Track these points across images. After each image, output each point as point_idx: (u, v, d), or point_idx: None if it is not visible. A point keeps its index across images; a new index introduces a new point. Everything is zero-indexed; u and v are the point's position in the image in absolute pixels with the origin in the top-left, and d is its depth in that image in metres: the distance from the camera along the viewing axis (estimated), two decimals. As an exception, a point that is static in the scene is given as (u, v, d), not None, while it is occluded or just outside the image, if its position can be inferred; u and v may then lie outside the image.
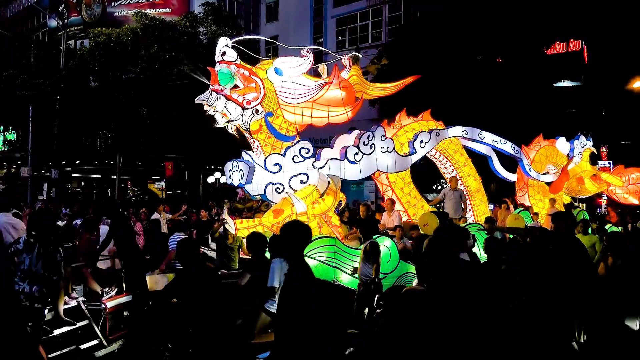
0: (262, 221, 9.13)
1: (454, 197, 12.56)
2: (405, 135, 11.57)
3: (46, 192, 31.20)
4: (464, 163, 13.00)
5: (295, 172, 9.25)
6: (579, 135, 15.52)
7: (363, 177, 10.26)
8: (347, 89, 9.66)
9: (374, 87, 10.68)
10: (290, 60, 9.58)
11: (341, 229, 10.71)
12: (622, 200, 17.17)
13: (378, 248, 7.82)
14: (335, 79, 9.51)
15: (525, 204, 14.25)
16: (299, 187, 9.26)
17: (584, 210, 14.77)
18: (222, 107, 8.90)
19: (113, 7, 37.33)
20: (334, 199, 9.45)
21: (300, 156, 9.31)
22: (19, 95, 28.35)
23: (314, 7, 35.98)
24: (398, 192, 11.59)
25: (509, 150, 13.41)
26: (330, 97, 9.59)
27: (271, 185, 9.22)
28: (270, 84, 9.34)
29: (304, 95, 9.41)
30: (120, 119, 27.83)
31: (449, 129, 12.27)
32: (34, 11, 40.08)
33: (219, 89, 8.93)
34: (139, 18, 29.19)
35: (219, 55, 9.14)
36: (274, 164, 9.19)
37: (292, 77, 9.46)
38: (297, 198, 8.90)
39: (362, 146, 9.99)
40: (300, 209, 8.87)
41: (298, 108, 9.50)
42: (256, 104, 9.03)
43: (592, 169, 16.04)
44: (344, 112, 9.73)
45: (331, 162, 9.68)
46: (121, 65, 28.30)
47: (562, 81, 25.95)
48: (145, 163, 32.60)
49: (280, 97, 9.44)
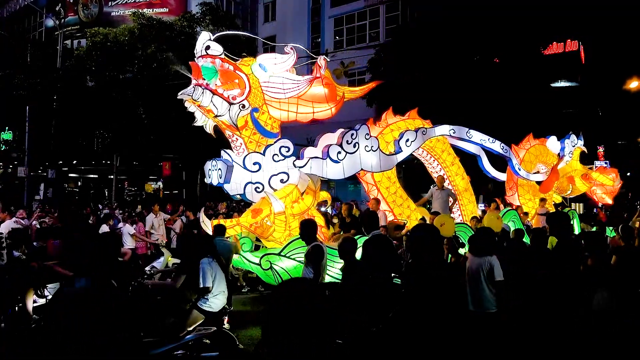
0: (240, 221, 9.05)
1: (441, 197, 12.45)
2: (391, 134, 11.46)
3: (43, 192, 31.15)
4: (451, 162, 12.88)
5: (276, 171, 9.16)
6: (569, 134, 15.37)
7: (346, 177, 10.17)
8: (329, 86, 9.64)
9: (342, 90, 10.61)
10: (274, 57, 9.54)
11: (325, 229, 10.63)
12: (600, 200, 17.04)
13: (321, 251, 7.55)
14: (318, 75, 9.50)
15: (515, 203, 14.14)
16: (279, 186, 9.16)
17: (573, 211, 14.63)
18: (209, 102, 8.81)
19: (110, 6, 37.37)
20: (313, 198, 9.34)
21: (280, 155, 9.22)
22: (15, 95, 28.32)
23: (311, 7, 35.93)
24: (384, 191, 11.46)
25: (498, 149, 13.31)
26: (314, 94, 9.57)
27: (250, 184, 9.10)
28: (255, 79, 9.28)
29: (292, 89, 9.38)
30: (117, 119, 27.76)
31: (435, 128, 12.17)
32: (30, 11, 40.18)
33: (203, 83, 8.84)
34: (136, 18, 29.18)
35: (203, 50, 9.04)
36: (254, 163, 9.08)
37: (278, 73, 9.40)
38: (275, 197, 8.80)
39: (346, 145, 9.90)
40: (278, 208, 8.77)
41: (284, 104, 9.45)
42: (242, 99, 8.95)
43: (583, 168, 15.92)
44: (328, 109, 9.72)
45: (313, 160, 9.59)
46: (118, 65, 28.26)
47: (559, 81, 25.78)
48: (142, 163, 32.56)
49: (266, 93, 9.38)
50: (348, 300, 5.55)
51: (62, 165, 33.33)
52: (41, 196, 30.87)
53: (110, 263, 5.34)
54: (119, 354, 4.76)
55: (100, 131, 30.16)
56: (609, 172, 17.04)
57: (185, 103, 9.00)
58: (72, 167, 35.64)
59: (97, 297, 4.80)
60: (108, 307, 4.84)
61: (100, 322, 4.70)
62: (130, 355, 4.87)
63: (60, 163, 32.13)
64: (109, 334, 4.74)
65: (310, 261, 7.21)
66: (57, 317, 4.50)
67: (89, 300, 4.77)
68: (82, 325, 4.67)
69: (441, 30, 24.05)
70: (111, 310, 4.83)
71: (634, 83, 21.88)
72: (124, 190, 36.75)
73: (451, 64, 23.54)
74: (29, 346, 6.03)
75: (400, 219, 11.20)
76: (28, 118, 29.03)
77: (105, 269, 5.07)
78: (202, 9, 29.80)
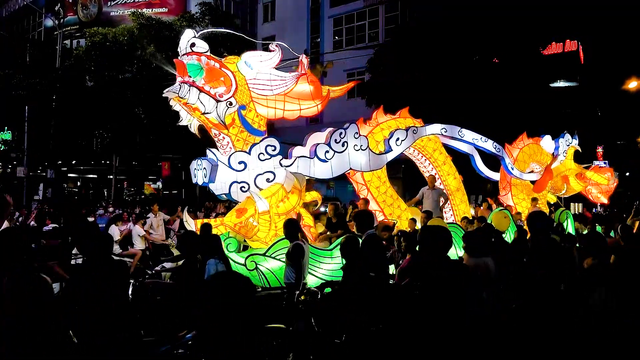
0: (225, 221, 8.98)
1: (432, 197, 12.36)
2: (381, 133, 11.37)
3: (42, 192, 31.18)
4: (443, 161, 12.78)
5: (261, 170, 9.08)
6: (564, 133, 15.25)
7: (335, 176, 10.11)
8: (314, 83, 9.61)
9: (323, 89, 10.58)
10: (260, 54, 9.49)
11: (314, 229, 10.57)
12: (596, 200, 16.97)
13: (301, 250, 7.47)
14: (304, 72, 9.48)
15: (509, 203, 14.04)
16: (265, 185, 9.09)
17: (567, 211, 14.51)
18: (196, 99, 8.73)
19: (109, 6, 37.31)
20: (298, 197, 9.25)
21: (266, 154, 9.15)
22: (14, 95, 28.33)
23: (310, 7, 35.87)
24: (374, 191, 11.36)
25: (490, 148, 13.22)
26: (300, 91, 9.54)
27: (236, 184, 9.02)
28: (241, 76, 9.21)
29: (280, 86, 9.34)
30: (116, 119, 27.78)
31: (427, 127, 12.08)
32: (29, 10, 40.19)
33: (189, 80, 8.77)
34: (136, 18, 29.17)
35: (188, 47, 8.97)
36: (239, 162, 9.00)
37: (264, 70, 9.36)
38: (259, 196, 8.73)
39: (334, 144, 9.84)
40: (262, 207, 8.69)
41: (271, 101, 9.39)
42: (229, 97, 8.88)
43: (577, 167, 15.81)
44: (315, 105, 9.69)
45: (300, 160, 9.52)
46: (117, 65, 28.26)
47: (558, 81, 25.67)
48: (141, 163, 32.53)
49: (253, 90, 9.32)
50: (348, 300, 5.53)
51: (61, 165, 33.36)
52: (40, 196, 30.88)
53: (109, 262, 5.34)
54: (119, 354, 4.74)
55: (99, 131, 30.13)
56: (604, 171, 16.94)
57: (170, 102, 8.93)
58: (71, 167, 35.66)
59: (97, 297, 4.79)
60: (108, 307, 4.83)
61: (100, 322, 4.68)
62: (130, 355, 4.89)
63: (59, 163, 32.18)
64: (109, 334, 4.72)
65: (290, 260, 7.17)
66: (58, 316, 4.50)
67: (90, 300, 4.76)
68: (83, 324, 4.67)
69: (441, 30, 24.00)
70: (111, 310, 4.82)
71: (633, 83, 21.80)
72: (124, 190, 36.72)
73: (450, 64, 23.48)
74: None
75: (390, 219, 11.13)
76: (27, 118, 29.11)
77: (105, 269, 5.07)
78: (202, 9, 29.75)
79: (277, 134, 24.86)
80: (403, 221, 11.20)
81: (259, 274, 8.54)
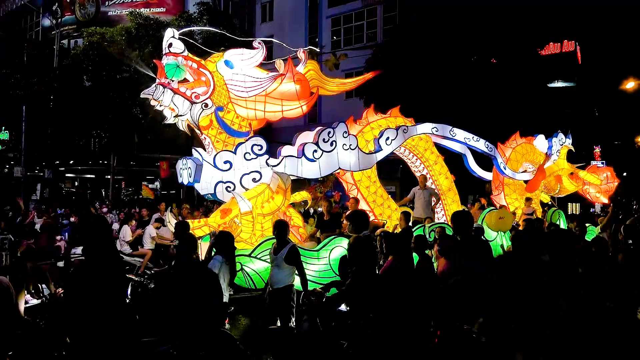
0: (209, 221, 8.90)
1: (424, 196, 12.29)
2: (371, 132, 11.30)
3: (39, 192, 31.18)
4: (434, 161, 12.69)
5: (247, 169, 8.99)
6: (557, 133, 15.17)
7: (323, 176, 10.04)
8: (301, 83, 9.46)
9: (332, 83, 10.44)
10: (241, 53, 9.38)
11: (303, 229, 10.48)
12: (595, 199, 16.92)
13: (299, 252, 7.41)
14: (289, 72, 9.31)
15: (502, 203, 13.96)
16: (251, 185, 9.00)
17: (559, 210, 14.41)
18: (169, 101, 8.67)
19: (107, 6, 37.39)
20: (283, 197, 9.14)
21: (252, 153, 9.05)
22: (12, 94, 28.33)
23: (309, 7, 35.77)
24: (364, 191, 11.26)
25: (482, 148, 13.13)
26: (284, 91, 9.41)
27: (221, 183, 8.91)
28: (220, 77, 9.12)
29: (255, 88, 9.20)
30: (114, 119, 27.73)
31: (417, 126, 12.00)
32: (27, 10, 40.20)
33: (165, 82, 8.69)
34: (133, 17, 29.07)
35: (166, 47, 8.91)
36: (224, 162, 8.90)
37: (244, 70, 9.25)
38: (242, 197, 8.62)
39: (322, 143, 9.77)
40: (244, 208, 8.59)
41: (250, 102, 9.28)
42: (205, 98, 8.79)
43: (570, 167, 15.72)
44: (299, 107, 9.55)
45: (287, 159, 9.46)
46: (115, 65, 28.19)
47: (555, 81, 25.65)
48: (139, 163, 32.46)
49: (231, 91, 9.22)
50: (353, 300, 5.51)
51: (59, 165, 33.31)
52: (38, 196, 30.88)
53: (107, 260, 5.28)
54: (119, 354, 4.69)
55: (97, 131, 30.13)
56: (602, 171, 16.86)
57: (151, 102, 8.86)
58: (68, 167, 35.62)
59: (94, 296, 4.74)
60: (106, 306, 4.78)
61: (100, 322, 4.64)
62: (130, 355, 4.85)
63: (56, 163, 32.12)
64: (109, 334, 4.67)
65: (294, 262, 7.08)
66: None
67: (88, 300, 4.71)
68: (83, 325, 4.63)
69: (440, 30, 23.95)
70: (110, 309, 4.77)
71: (630, 83, 21.72)
72: (121, 190, 36.67)
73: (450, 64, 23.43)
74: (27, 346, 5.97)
75: (380, 219, 11.05)
76: (24, 118, 29.00)
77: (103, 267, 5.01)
78: (200, 9, 29.69)
79: (275, 133, 25.04)
80: (393, 221, 11.13)
81: (244, 275, 8.46)
